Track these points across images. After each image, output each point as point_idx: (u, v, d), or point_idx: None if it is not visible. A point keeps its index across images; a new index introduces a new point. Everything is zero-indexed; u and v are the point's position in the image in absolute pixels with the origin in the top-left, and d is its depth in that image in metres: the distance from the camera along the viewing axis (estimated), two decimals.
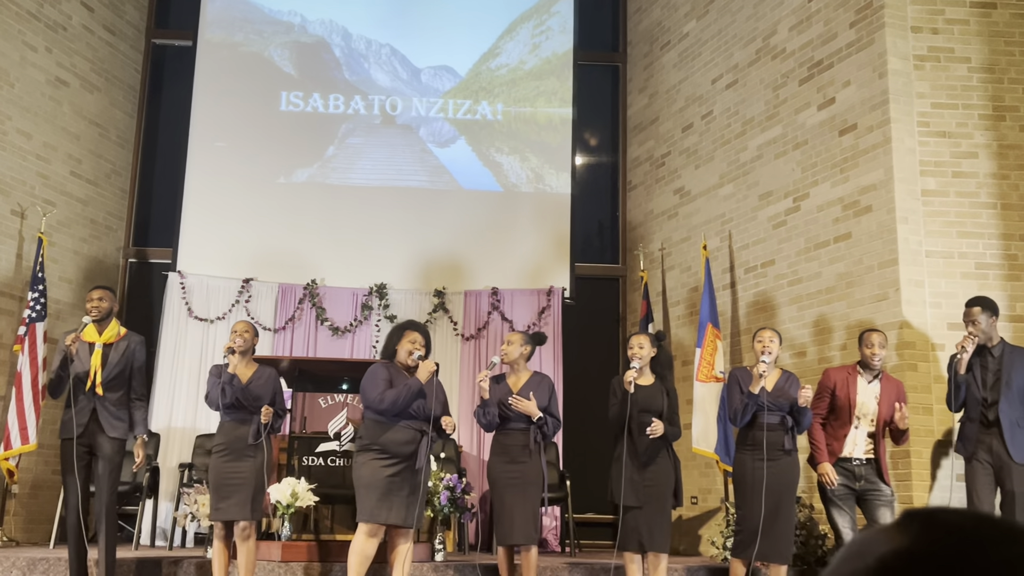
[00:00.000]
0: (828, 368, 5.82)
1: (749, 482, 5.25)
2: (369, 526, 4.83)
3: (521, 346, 5.37)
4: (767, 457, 5.19)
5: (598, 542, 8.52)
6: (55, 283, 8.00)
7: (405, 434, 4.88)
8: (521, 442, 5.23)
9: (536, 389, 5.29)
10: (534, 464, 5.21)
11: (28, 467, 7.54)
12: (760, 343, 5.38)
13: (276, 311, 8.69)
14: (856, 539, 0.74)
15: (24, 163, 7.84)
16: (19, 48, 7.84)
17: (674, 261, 8.60)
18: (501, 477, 5.23)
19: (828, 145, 7.00)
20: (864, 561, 0.70)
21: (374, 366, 5.06)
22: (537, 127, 9.42)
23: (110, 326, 5.27)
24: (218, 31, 9.35)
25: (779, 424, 5.29)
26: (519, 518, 5.13)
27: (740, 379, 5.41)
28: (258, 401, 5.15)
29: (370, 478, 4.84)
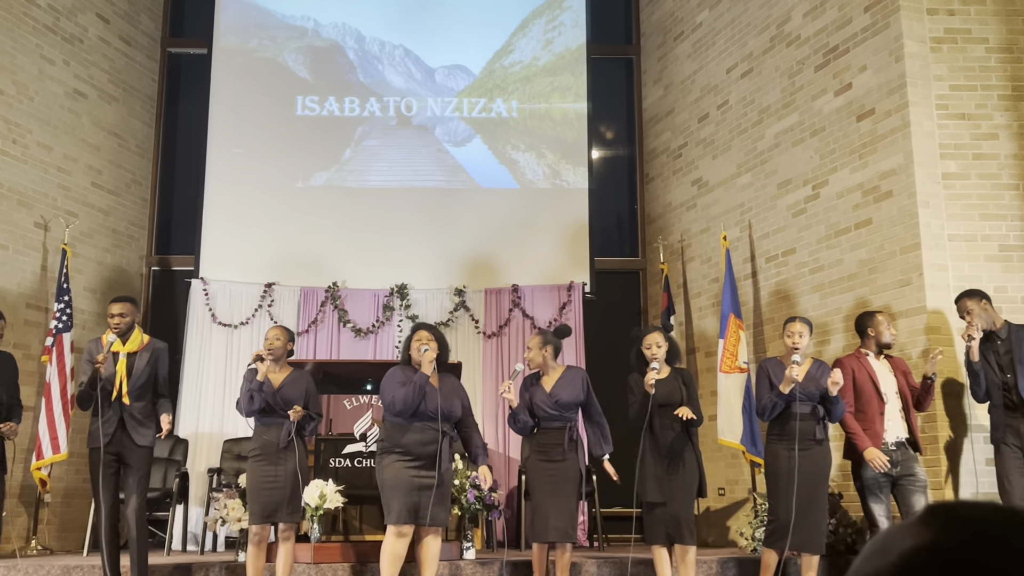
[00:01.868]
0: (841, 358, 5.79)
1: (783, 472, 5.22)
2: (397, 527, 4.86)
3: (541, 348, 5.37)
4: (799, 447, 5.16)
5: (625, 536, 8.51)
6: (80, 293, 8.08)
7: (425, 435, 4.90)
8: (558, 441, 5.23)
9: (570, 384, 5.30)
10: (571, 462, 5.21)
11: (60, 476, 7.63)
12: (790, 337, 5.34)
13: (299, 314, 8.74)
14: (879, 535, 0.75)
15: (46, 175, 7.92)
16: (37, 62, 7.92)
17: (694, 252, 8.57)
18: (538, 475, 5.24)
19: (846, 131, 6.96)
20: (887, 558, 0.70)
21: (391, 370, 5.09)
22: (552, 123, 9.42)
23: (133, 335, 5.31)
24: (232, 38, 9.41)
25: (810, 414, 5.25)
26: (555, 515, 5.13)
27: (771, 372, 5.36)
28: (290, 405, 5.17)
29: (394, 480, 4.87)
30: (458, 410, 5.02)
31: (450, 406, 4.98)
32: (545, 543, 5.26)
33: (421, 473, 4.87)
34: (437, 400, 4.92)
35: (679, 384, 5.26)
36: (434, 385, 5.00)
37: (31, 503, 7.41)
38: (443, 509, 4.94)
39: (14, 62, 7.69)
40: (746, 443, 7.03)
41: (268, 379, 5.23)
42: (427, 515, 4.87)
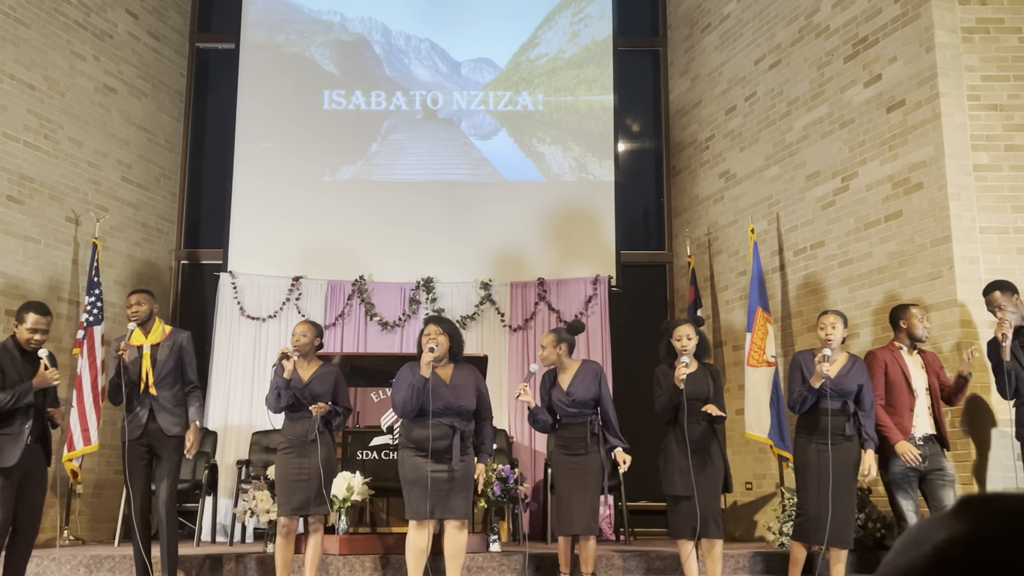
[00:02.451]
0: (870, 352, 5.74)
1: (812, 467, 5.19)
2: (416, 521, 4.90)
3: (555, 347, 5.36)
4: (830, 443, 5.13)
5: (651, 530, 8.50)
6: (110, 287, 8.17)
7: (437, 430, 4.90)
8: (579, 435, 5.24)
9: (585, 380, 5.29)
10: (593, 456, 5.22)
11: (91, 468, 7.73)
12: (823, 329, 5.30)
13: (326, 308, 8.78)
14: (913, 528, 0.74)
15: (77, 170, 8.01)
16: (68, 58, 8.00)
17: (721, 245, 8.53)
18: (561, 469, 5.26)
19: (876, 123, 6.89)
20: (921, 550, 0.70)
21: (402, 369, 5.08)
22: (578, 116, 9.39)
23: (154, 327, 5.36)
24: (260, 33, 9.46)
25: (840, 410, 5.21)
26: (578, 508, 5.14)
27: (804, 364, 5.33)
28: (318, 399, 5.20)
29: (411, 474, 4.90)
30: (470, 402, 4.99)
31: (459, 400, 4.96)
32: (569, 536, 5.27)
33: (436, 467, 4.89)
34: (446, 396, 4.92)
35: (707, 379, 5.24)
36: (444, 379, 5.00)
37: (63, 494, 7.51)
38: (461, 501, 4.93)
39: (46, 58, 7.78)
40: (774, 437, 6.99)
41: (297, 373, 5.26)
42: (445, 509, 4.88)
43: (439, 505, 4.88)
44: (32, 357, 4.92)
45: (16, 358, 4.90)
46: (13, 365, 4.88)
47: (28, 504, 4.91)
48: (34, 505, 4.94)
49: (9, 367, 4.86)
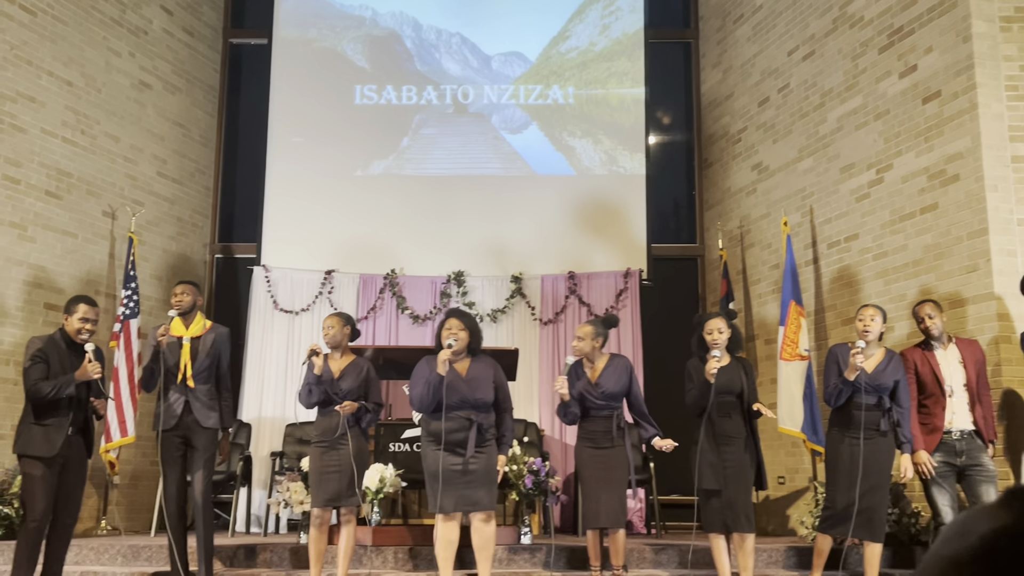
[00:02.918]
0: (904, 351, 5.69)
1: (843, 461, 5.17)
2: (441, 514, 4.93)
3: (593, 339, 5.35)
4: (864, 437, 5.10)
5: (683, 524, 8.48)
6: (146, 280, 8.27)
7: (454, 423, 4.92)
8: (605, 428, 5.24)
9: (616, 374, 5.29)
10: (619, 449, 5.22)
11: (128, 459, 7.84)
12: (861, 321, 5.27)
13: (358, 301, 8.84)
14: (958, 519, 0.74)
15: (113, 165, 8.11)
16: (104, 54, 8.10)
17: (754, 238, 8.47)
18: (587, 462, 5.26)
19: (911, 114, 6.81)
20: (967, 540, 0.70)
21: (420, 362, 5.10)
22: (609, 109, 9.37)
23: (196, 320, 5.42)
24: (292, 28, 9.52)
25: (876, 405, 5.17)
26: (606, 502, 5.14)
27: (840, 357, 5.29)
28: (348, 395, 5.23)
29: (432, 468, 4.94)
30: (486, 395, 4.99)
31: (475, 393, 4.96)
32: (597, 529, 5.27)
33: (456, 460, 4.91)
34: (463, 389, 4.94)
35: (740, 372, 5.21)
36: (460, 373, 5.02)
37: (100, 485, 7.62)
38: (484, 494, 4.94)
39: (82, 55, 7.88)
40: (807, 431, 6.95)
41: (328, 367, 5.29)
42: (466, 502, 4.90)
43: (462, 498, 4.90)
44: (78, 350, 4.99)
45: (63, 351, 4.98)
46: (59, 357, 4.95)
47: (67, 493, 4.99)
48: (73, 494, 5.02)
49: (54, 359, 4.94)
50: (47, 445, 4.83)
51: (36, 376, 4.87)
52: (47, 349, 4.94)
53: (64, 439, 4.87)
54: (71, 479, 5.00)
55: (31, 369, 4.89)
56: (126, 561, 5.90)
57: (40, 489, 4.81)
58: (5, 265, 7.09)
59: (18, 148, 7.26)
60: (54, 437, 4.85)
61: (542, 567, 5.83)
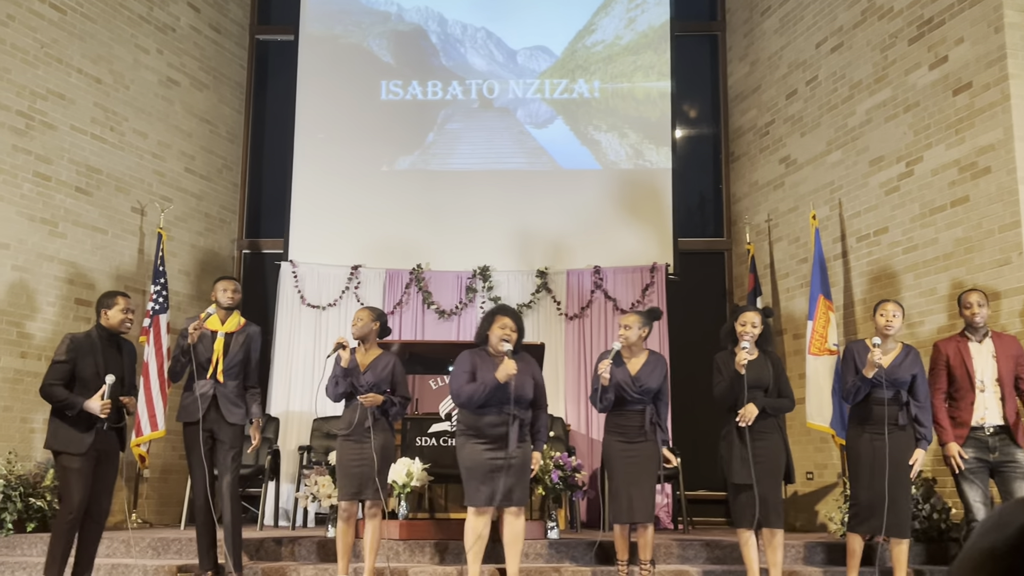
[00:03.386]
0: (937, 341, 5.62)
1: (865, 457, 5.13)
2: (475, 508, 4.93)
3: (640, 328, 5.32)
4: (878, 432, 5.09)
5: (710, 519, 8.46)
6: (175, 276, 8.34)
7: (496, 418, 4.93)
8: (638, 423, 5.21)
9: (655, 370, 5.26)
10: (650, 444, 5.19)
11: (158, 452, 7.91)
12: (883, 317, 5.23)
13: (384, 296, 8.87)
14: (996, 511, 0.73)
15: (141, 162, 8.18)
16: (132, 51, 8.17)
17: (781, 232, 8.41)
18: (618, 457, 5.21)
19: (941, 106, 6.73)
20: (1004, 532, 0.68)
21: (462, 354, 5.09)
22: (635, 102, 9.33)
23: (233, 316, 5.46)
24: (318, 25, 9.55)
25: (894, 399, 5.15)
26: (637, 497, 5.12)
27: (856, 355, 5.27)
28: (372, 388, 5.24)
29: (470, 461, 4.94)
30: (529, 393, 5.01)
31: (522, 390, 4.98)
32: (626, 524, 5.25)
33: (496, 455, 4.91)
34: (510, 386, 4.94)
35: (768, 366, 5.18)
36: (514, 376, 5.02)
37: (131, 478, 7.71)
38: (520, 489, 4.95)
39: (111, 52, 7.95)
40: (836, 427, 6.90)
41: (356, 361, 5.31)
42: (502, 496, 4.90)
43: (498, 492, 4.91)
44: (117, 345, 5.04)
45: (97, 349, 5.00)
46: (92, 356, 4.97)
47: (101, 487, 5.04)
48: (106, 488, 5.08)
49: (87, 359, 4.96)
50: (80, 440, 4.88)
51: (54, 378, 4.92)
52: (78, 349, 4.97)
53: (96, 433, 4.92)
54: (105, 473, 5.05)
55: (52, 368, 4.94)
56: (156, 554, 5.96)
57: (76, 483, 4.87)
58: (36, 261, 7.17)
59: (48, 145, 7.34)
60: (87, 432, 4.90)
61: (569, 561, 5.83)
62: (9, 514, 6.15)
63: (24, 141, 7.14)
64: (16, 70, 7.12)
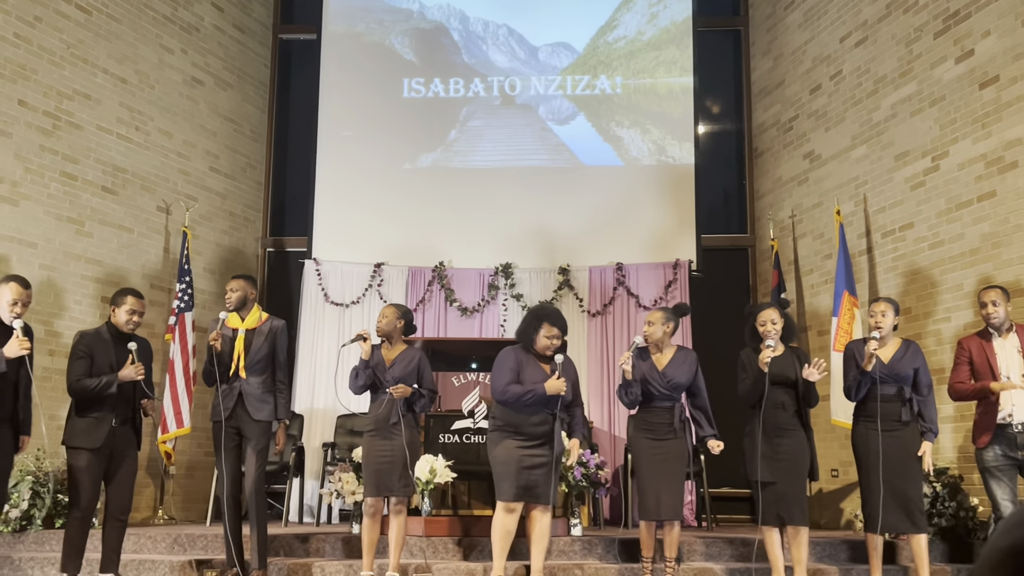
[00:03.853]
0: (960, 338, 5.57)
1: (872, 454, 5.11)
2: (506, 504, 4.94)
3: (663, 324, 5.30)
4: (883, 428, 5.07)
5: (734, 516, 8.42)
6: (200, 274, 8.40)
7: (538, 415, 4.94)
8: (666, 420, 5.18)
9: (683, 366, 5.24)
10: (679, 442, 5.17)
11: (184, 449, 7.98)
12: (873, 317, 5.25)
13: (407, 293, 8.89)
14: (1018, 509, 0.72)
15: (166, 161, 8.25)
16: (157, 51, 8.24)
17: (806, 228, 8.36)
18: (646, 454, 5.19)
19: (968, 100, 6.66)
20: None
21: (505, 351, 5.08)
22: (657, 98, 9.29)
23: (251, 312, 5.47)
24: (341, 23, 9.59)
25: (895, 395, 5.14)
26: (665, 494, 5.10)
27: (856, 353, 5.27)
28: (399, 382, 5.25)
29: (505, 457, 4.94)
30: (570, 393, 5.03)
31: (566, 396, 4.99)
32: (652, 521, 5.23)
33: (533, 452, 4.92)
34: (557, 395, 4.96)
35: (794, 362, 5.14)
36: (547, 373, 5.03)
37: (157, 475, 7.78)
38: (550, 487, 4.96)
39: (136, 52, 8.02)
40: None
41: (381, 356, 5.33)
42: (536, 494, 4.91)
43: (531, 490, 4.92)
44: (125, 342, 5.07)
45: (109, 345, 5.07)
46: (104, 352, 5.04)
47: (119, 484, 5.09)
48: (124, 485, 5.11)
49: (100, 354, 5.02)
50: (92, 436, 4.93)
51: (79, 372, 4.96)
52: (92, 343, 5.03)
53: (109, 431, 4.97)
54: (119, 470, 5.09)
55: (74, 365, 4.99)
56: (183, 550, 6.01)
57: (85, 479, 4.92)
58: (64, 259, 7.25)
59: (75, 145, 7.42)
60: (99, 429, 4.95)
61: (593, 558, 5.83)
62: (38, 510, 6.22)
63: (51, 141, 7.22)
64: (43, 71, 7.20)
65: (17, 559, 5.75)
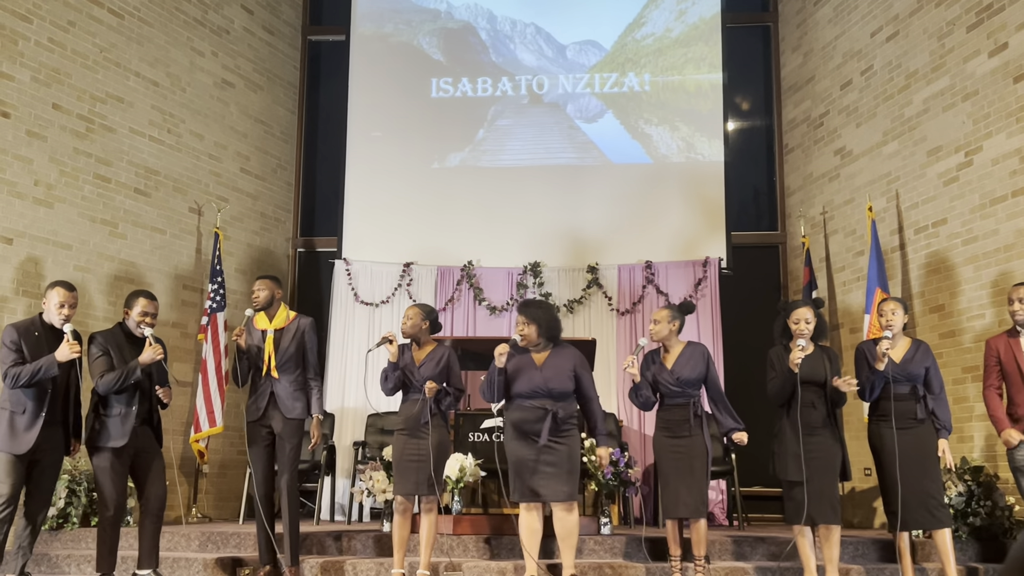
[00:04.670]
0: (988, 338, 5.51)
1: (888, 454, 5.07)
2: (522, 504, 4.97)
3: (669, 323, 5.29)
4: (899, 427, 5.05)
5: (766, 515, 8.37)
6: (231, 274, 8.48)
7: (531, 413, 4.96)
8: (683, 417, 5.17)
9: (691, 361, 5.23)
10: (697, 437, 5.15)
11: (216, 448, 8.06)
12: (883, 316, 5.22)
13: (436, 293, 8.92)
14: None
15: (198, 163, 8.34)
16: (188, 54, 8.32)
17: (837, 225, 8.28)
18: (666, 452, 5.19)
19: (1001, 94, 6.57)
20: None
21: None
22: (686, 95, 9.25)
23: (279, 312, 5.51)
24: (369, 24, 9.64)
25: (909, 394, 5.12)
26: (685, 491, 5.09)
27: (867, 353, 5.24)
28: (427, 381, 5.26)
29: (511, 457, 5.01)
30: (560, 385, 5.00)
31: (549, 383, 4.98)
32: (676, 519, 5.22)
33: (532, 450, 4.93)
34: (536, 379, 4.97)
35: (824, 361, 5.10)
36: (536, 362, 5.05)
37: (191, 474, 7.86)
38: (563, 483, 4.93)
39: (167, 55, 8.11)
40: None
41: (411, 356, 5.35)
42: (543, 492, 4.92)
43: (540, 487, 4.92)
44: (138, 343, 5.13)
45: (123, 344, 5.13)
46: (120, 350, 5.10)
47: (150, 480, 5.15)
48: (154, 483, 5.16)
49: (115, 352, 5.08)
50: (116, 436, 4.98)
51: (101, 369, 5.02)
52: (107, 340, 5.10)
53: (132, 429, 5.02)
54: (149, 467, 5.15)
55: (95, 363, 5.04)
56: (216, 548, 6.07)
57: (110, 480, 4.98)
58: (98, 261, 7.35)
59: (108, 148, 7.52)
60: (122, 428, 5.00)
61: (622, 557, 5.82)
62: (74, 509, 6.31)
63: (85, 144, 7.32)
64: (77, 74, 7.30)
65: (54, 556, 5.84)
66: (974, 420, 6.60)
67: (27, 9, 6.96)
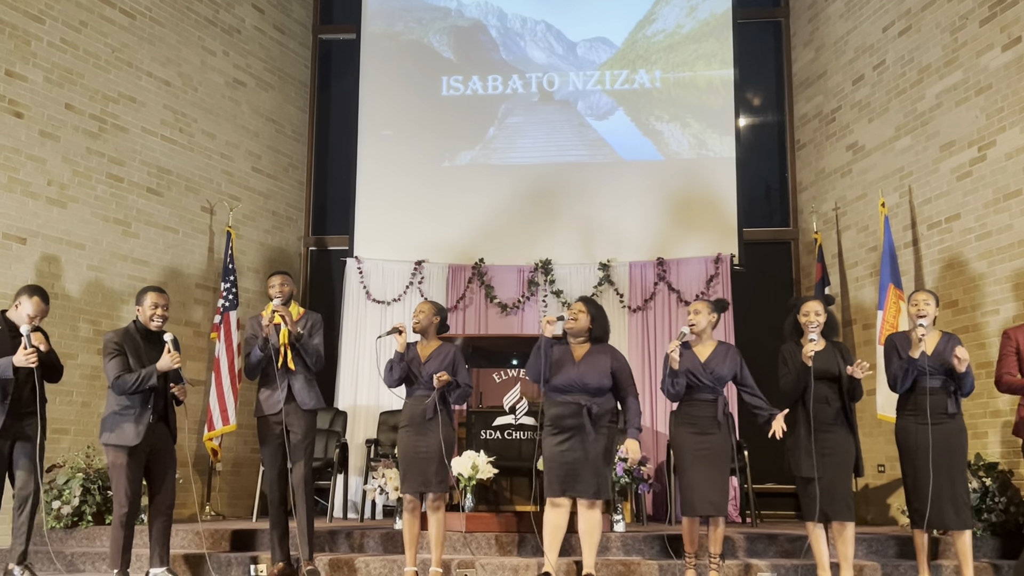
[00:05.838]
0: (1007, 329, 5.47)
1: (914, 448, 5.03)
2: (550, 499, 4.99)
3: (709, 314, 5.28)
4: (931, 421, 4.98)
5: (778, 512, 8.34)
6: (244, 273, 8.50)
7: (568, 408, 4.97)
8: (709, 413, 5.14)
9: (726, 358, 5.21)
10: (722, 435, 5.13)
11: (230, 446, 8.09)
12: (915, 306, 5.17)
13: (447, 291, 8.92)
14: None
15: (210, 162, 8.36)
16: (200, 54, 8.35)
17: (849, 220, 8.25)
18: (689, 448, 5.15)
19: (1015, 88, 6.53)
20: None
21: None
22: (697, 91, 9.23)
23: (291, 308, 5.54)
24: (379, 23, 9.65)
25: (941, 388, 5.06)
26: (709, 490, 5.05)
27: (898, 345, 5.21)
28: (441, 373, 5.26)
29: (548, 453, 5.02)
30: (595, 381, 5.00)
31: (584, 378, 4.99)
32: (696, 517, 5.19)
33: (568, 446, 4.93)
34: (571, 373, 4.99)
35: (836, 357, 5.08)
36: (575, 356, 5.06)
37: (204, 471, 7.89)
38: (590, 480, 4.93)
39: (179, 55, 8.14)
40: None
41: (417, 352, 5.35)
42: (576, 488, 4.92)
43: (569, 483, 4.93)
44: (154, 340, 5.16)
45: (139, 343, 5.16)
46: (135, 348, 5.13)
47: (160, 480, 5.18)
48: (166, 481, 5.21)
49: (131, 351, 5.11)
50: (131, 434, 5.02)
51: (118, 370, 5.05)
52: (122, 341, 5.13)
53: (147, 427, 5.05)
54: (160, 466, 5.18)
55: (111, 364, 5.07)
56: (231, 545, 6.09)
57: (124, 477, 5.02)
58: (111, 260, 7.38)
59: (120, 147, 7.55)
60: (137, 426, 5.03)
61: (636, 554, 5.81)
62: (89, 507, 6.34)
63: (97, 144, 7.35)
64: (89, 75, 7.33)
65: (69, 554, 5.88)
66: (988, 416, 6.56)
67: (39, 10, 7.00)
